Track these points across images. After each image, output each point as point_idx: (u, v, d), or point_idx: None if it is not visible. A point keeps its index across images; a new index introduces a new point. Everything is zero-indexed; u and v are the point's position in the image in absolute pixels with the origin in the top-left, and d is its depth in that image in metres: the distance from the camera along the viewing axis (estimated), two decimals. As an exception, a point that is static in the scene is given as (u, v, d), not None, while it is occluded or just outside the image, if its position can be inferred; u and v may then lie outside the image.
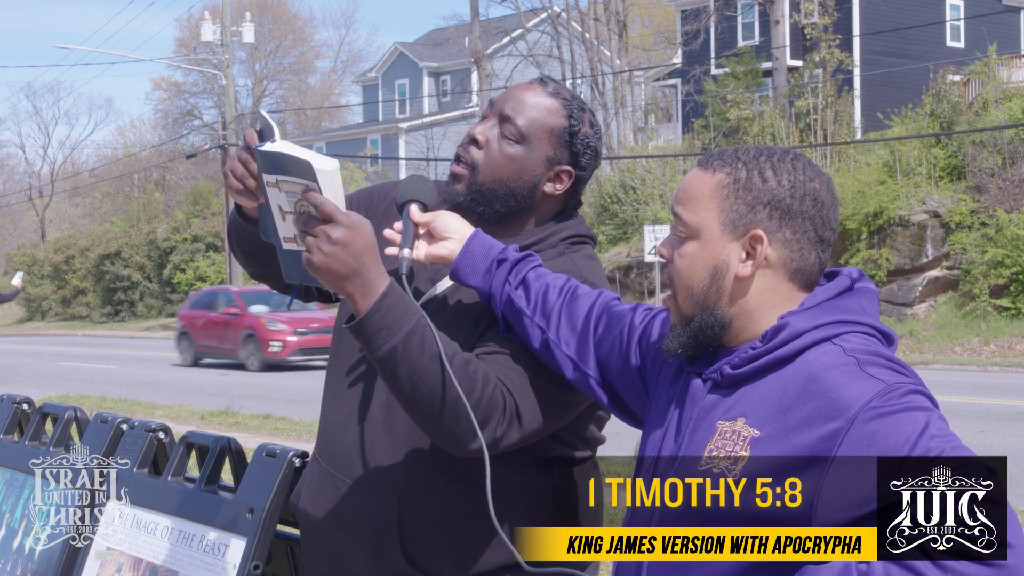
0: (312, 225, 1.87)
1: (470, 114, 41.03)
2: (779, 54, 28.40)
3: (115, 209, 51.92)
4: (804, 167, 1.74)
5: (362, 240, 1.88)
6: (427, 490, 2.11)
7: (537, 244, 2.21)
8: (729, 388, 1.72)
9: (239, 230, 2.27)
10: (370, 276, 1.90)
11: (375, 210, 2.33)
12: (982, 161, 20.77)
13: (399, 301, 1.93)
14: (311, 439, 10.76)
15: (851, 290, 1.75)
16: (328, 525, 2.21)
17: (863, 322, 1.70)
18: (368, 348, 1.94)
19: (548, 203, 2.23)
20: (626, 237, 25.59)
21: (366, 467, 2.16)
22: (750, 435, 1.64)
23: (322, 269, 1.87)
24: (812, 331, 1.67)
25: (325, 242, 1.86)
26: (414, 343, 1.92)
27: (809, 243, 1.73)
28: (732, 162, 1.75)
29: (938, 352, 19.34)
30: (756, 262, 1.72)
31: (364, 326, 1.91)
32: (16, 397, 3.42)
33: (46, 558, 2.82)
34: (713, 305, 1.74)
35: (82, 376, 19.05)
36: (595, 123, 2.24)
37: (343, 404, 2.24)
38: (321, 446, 2.28)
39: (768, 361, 1.68)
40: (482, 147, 2.18)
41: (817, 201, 1.72)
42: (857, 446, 1.53)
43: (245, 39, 35.42)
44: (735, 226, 1.73)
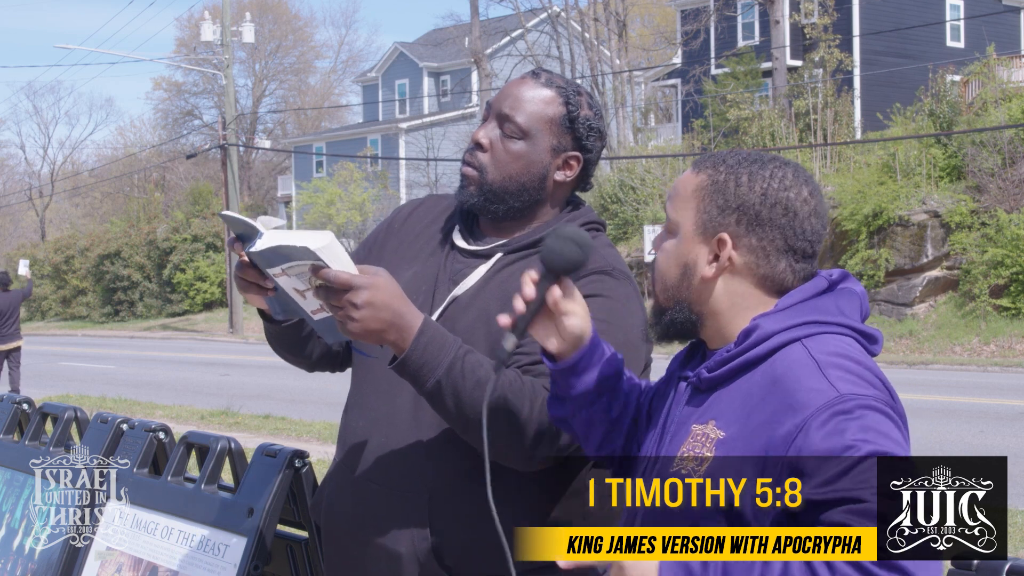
0: (334, 297, 1.91)
1: (470, 114, 41.02)
2: (779, 54, 28.39)
3: (115, 209, 51.93)
4: (784, 176, 1.74)
5: (386, 292, 1.92)
6: (457, 491, 2.12)
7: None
8: (706, 392, 1.74)
9: (273, 334, 2.31)
10: (405, 321, 1.95)
11: (375, 251, 2.37)
12: (982, 161, 20.77)
13: (435, 337, 1.98)
14: (311, 439, 10.75)
15: (829, 291, 1.75)
16: (358, 529, 2.21)
17: (838, 322, 1.70)
18: (415, 385, 2.00)
19: (561, 190, 2.25)
20: (626, 237, 25.60)
21: (395, 469, 2.17)
22: (716, 436, 1.66)
23: (360, 334, 1.93)
24: (781, 332, 1.68)
25: (352, 309, 1.90)
26: (456, 373, 1.97)
27: (777, 252, 1.73)
28: (717, 165, 1.77)
29: (938, 352, 19.34)
30: (719, 265, 1.73)
31: (407, 365, 1.97)
32: (16, 397, 3.42)
33: (46, 558, 2.82)
34: (684, 302, 1.77)
35: (82, 376, 19.05)
36: (594, 104, 2.25)
37: (368, 409, 2.25)
38: (346, 452, 2.29)
39: (739, 363, 1.70)
40: (487, 150, 2.20)
41: (788, 211, 1.72)
42: (804, 448, 1.54)
43: (245, 39, 35.43)
44: (705, 228, 1.75)
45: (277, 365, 20.82)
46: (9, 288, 15.00)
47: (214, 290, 37.52)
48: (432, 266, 2.25)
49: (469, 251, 2.25)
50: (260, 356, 23.97)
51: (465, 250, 2.25)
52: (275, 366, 20.77)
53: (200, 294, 37.71)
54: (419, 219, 2.37)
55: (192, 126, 56.16)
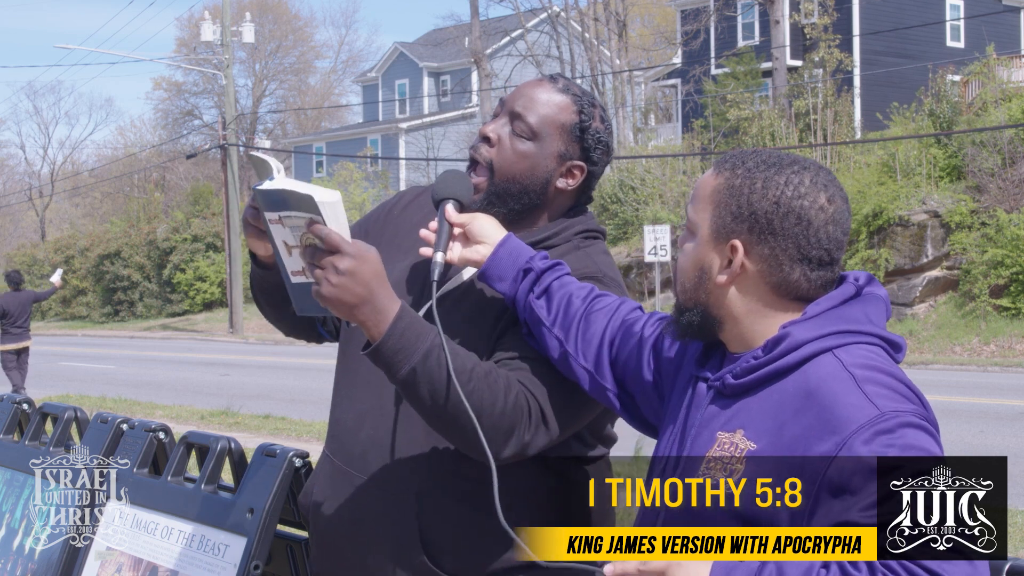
0: (319, 257, 1.89)
1: (470, 114, 41.02)
2: (779, 54, 28.39)
3: (115, 209, 51.89)
4: (800, 183, 1.71)
5: (369, 268, 1.89)
6: (446, 486, 2.12)
7: (552, 238, 2.22)
8: (731, 398, 1.72)
9: (259, 279, 2.30)
10: (380, 303, 1.91)
11: (374, 232, 2.36)
12: (982, 161, 20.77)
13: (413, 323, 1.95)
14: (311, 439, 10.76)
15: (857, 297, 1.73)
16: (345, 523, 2.21)
17: (867, 331, 1.69)
18: (388, 372, 1.96)
19: (561, 198, 2.24)
20: (626, 237, 25.60)
21: (384, 464, 2.16)
22: (747, 448, 1.64)
23: (332, 300, 1.89)
24: (813, 342, 1.66)
25: (333, 273, 1.87)
26: (432, 362, 1.94)
27: (790, 260, 1.71)
28: (736, 167, 1.75)
29: (938, 352, 19.34)
30: (732, 272, 1.72)
31: (381, 351, 1.93)
32: (16, 397, 3.42)
33: (46, 558, 2.82)
34: (701, 305, 1.76)
35: (82, 376, 19.05)
36: (606, 118, 2.25)
37: (356, 401, 2.24)
38: (333, 445, 2.28)
39: (768, 372, 1.67)
40: (494, 145, 2.19)
41: (802, 220, 1.69)
42: (846, 468, 1.53)
43: (245, 39, 35.40)
44: (719, 233, 1.74)
45: (277, 365, 20.83)
46: (21, 287, 14.94)
47: (214, 290, 37.51)
48: (425, 261, 2.25)
49: None
50: (260, 356, 23.98)
51: None
52: (275, 366, 20.77)
53: (200, 294, 37.70)
54: (418, 209, 2.36)
55: (192, 126, 56.19)
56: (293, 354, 23.90)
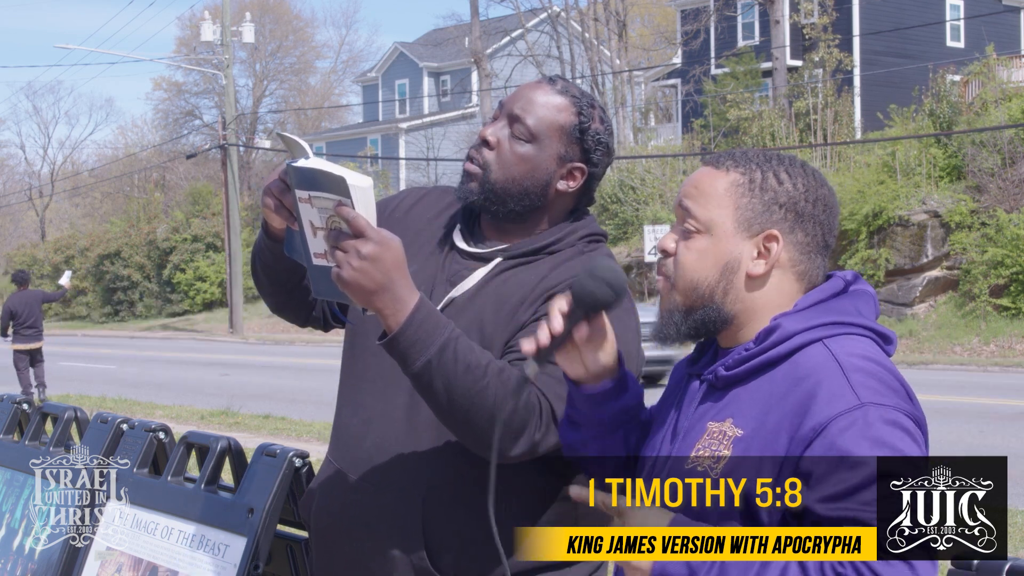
0: (342, 240, 1.88)
1: (470, 114, 41.02)
2: (779, 54, 28.40)
3: (115, 209, 51.89)
4: (813, 173, 1.78)
5: (391, 256, 1.88)
6: (452, 492, 2.11)
7: (556, 243, 2.21)
8: (723, 390, 1.73)
9: (265, 252, 2.24)
10: (399, 292, 1.90)
11: (389, 220, 2.32)
12: (982, 161, 20.78)
13: (430, 315, 1.93)
14: (311, 439, 10.75)
15: (844, 292, 1.75)
16: (349, 529, 2.20)
17: (857, 323, 1.70)
18: (402, 363, 1.94)
19: (561, 201, 2.23)
20: (626, 237, 25.60)
21: (389, 470, 2.15)
22: (734, 434, 1.65)
23: (351, 284, 1.87)
24: (803, 332, 1.67)
25: (355, 257, 1.86)
26: (448, 355, 1.93)
27: (816, 247, 1.75)
28: (745, 163, 1.77)
29: (938, 352, 19.34)
30: (770, 261, 1.73)
31: (398, 342, 1.92)
32: (16, 397, 3.42)
33: (46, 558, 2.82)
34: (719, 301, 1.75)
35: (82, 376, 19.04)
36: (606, 119, 2.24)
37: (361, 407, 2.23)
38: (337, 450, 2.27)
39: (760, 362, 1.69)
40: (493, 148, 2.19)
41: (828, 207, 1.75)
42: (816, 454, 1.53)
43: (245, 39, 35.39)
44: (750, 224, 1.74)
45: (277, 365, 20.82)
46: (27, 286, 14.74)
47: (214, 290, 37.52)
48: (431, 265, 2.24)
49: (469, 253, 2.23)
50: (260, 356, 23.98)
51: (465, 251, 2.23)
52: (275, 366, 20.77)
53: (200, 294, 37.71)
54: (423, 212, 2.35)
55: (192, 126, 56.17)
56: (293, 354, 23.91)
